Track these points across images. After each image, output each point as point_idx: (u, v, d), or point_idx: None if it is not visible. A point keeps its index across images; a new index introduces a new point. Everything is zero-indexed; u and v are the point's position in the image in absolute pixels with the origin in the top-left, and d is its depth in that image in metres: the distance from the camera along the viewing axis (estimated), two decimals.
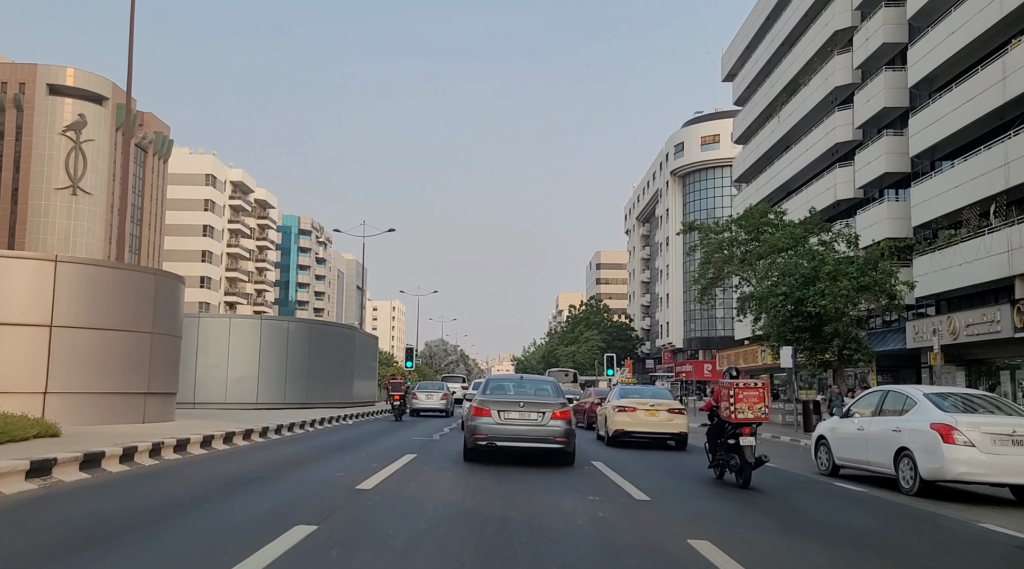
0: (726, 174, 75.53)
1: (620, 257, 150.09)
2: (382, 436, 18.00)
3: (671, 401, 17.59)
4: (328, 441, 16.05)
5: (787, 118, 47.47)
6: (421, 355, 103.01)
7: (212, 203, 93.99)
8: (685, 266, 78.79)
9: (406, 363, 38.02)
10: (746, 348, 54.98)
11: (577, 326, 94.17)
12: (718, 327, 75.82)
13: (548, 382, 14.03)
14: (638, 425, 16.62)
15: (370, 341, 35.44)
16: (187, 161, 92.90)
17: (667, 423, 16.65)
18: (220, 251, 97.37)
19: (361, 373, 32.04)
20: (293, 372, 25.88)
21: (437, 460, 12.68)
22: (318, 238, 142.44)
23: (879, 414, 11.61)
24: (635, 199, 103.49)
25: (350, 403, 29.72)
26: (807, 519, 8.69)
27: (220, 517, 7.27)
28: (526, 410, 11.86)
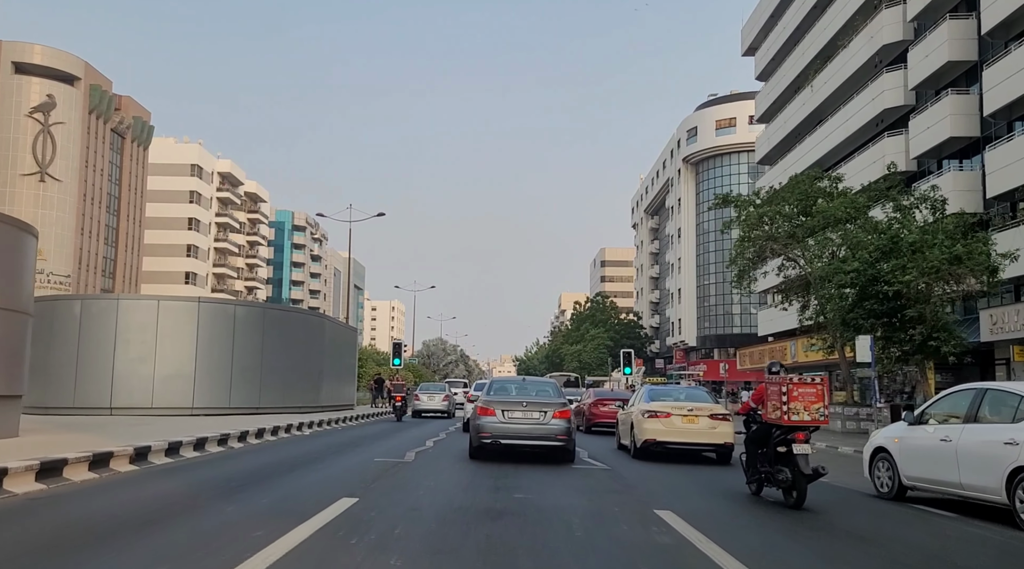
0: (743, 160, 70.67)
1: (626, 254, 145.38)
2: (336, 456, 13.17)
3: (713, 404, 14.58)
4: (247, 466, 11.14)
5: (821, 88, 42.55)
6: (419, 355, 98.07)
7: (198, 195, 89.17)
8: (699, 259, 73.92)
9: (393, 360, 33.15)
10: (772, 345, 49.98)
11: (582, 324, 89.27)
12: (735, 324, 70.87)
13: (549, 383, 14.56)
14: (674, 434, 13.72)
15: (346, 333, 30.35)
16: (171, 151, 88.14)
17: (709, 432, 13.73)
18: (207, 246, 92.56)
19: (335, 371, 27.24)
20: (242, 369, 20.83)
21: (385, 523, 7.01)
22: (313, 234, 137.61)
23: (974, 420, 8.92)
24: (643, 191, 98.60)
25: (317, 407, 25.00)
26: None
27: None
28: (529, 409, 12.29)
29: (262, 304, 22.95)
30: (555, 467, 11.85)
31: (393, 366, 33.47)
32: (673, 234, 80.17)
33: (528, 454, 12.65)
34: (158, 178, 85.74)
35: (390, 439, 17.93)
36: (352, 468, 11.53)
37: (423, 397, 30.51)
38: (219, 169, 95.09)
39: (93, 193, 66.97)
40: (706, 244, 72.93)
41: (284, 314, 24.13)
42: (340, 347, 28.09)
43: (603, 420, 21.19)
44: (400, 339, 33.43)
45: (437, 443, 16.42)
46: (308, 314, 27.93)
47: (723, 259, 72.62)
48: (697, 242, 74.32)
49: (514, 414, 12.25)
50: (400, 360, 33.23)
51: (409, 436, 18.67)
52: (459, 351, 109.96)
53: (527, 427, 12.19)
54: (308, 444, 15.72)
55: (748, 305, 70.02)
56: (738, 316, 70.30)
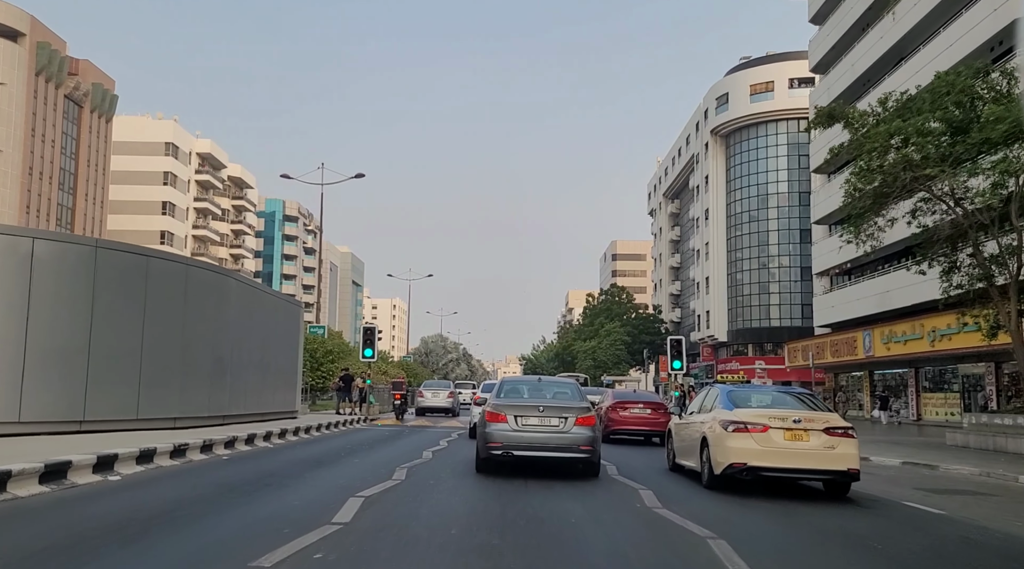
0: (782, 129, 62.27)
1: (639, 247, 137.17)
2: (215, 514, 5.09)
3: (827, 413, 10.14)
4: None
5: (907, 14, 34.10)
6: (416, 352, 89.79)
7: (173, 177, 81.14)
8: (731, 243, 65.42)
9: (363, 352, 24.85)
10: (835, 337, 41.43)
11: (596, 318, 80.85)
12: (776, 315, 62.40)
13: (569, 383, 12.32)
14: (773, 456, 9.38)
15: (282, 309, 20.78)
16: (143, 128, 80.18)
17: (824, 454, 9.39)
18: (184, 233, 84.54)
19: (259, 361, 18.32)
20: (43, 354, 12.22)
21: None
22: (306, 225, 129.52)
23: None
24: (661, 173, 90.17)
25: (221, 418, 16.50)
26: None
27: None
28: (546, 415, 10.55)
29: (93, 240, 13.79)
30: (581, 486, 9.59)
31: (364, 358, 25.17)
32: (698, 217, 71.76)
33: (545, 466, 10.74)
34: (128, 158, 77.91)
35: (345, 467, 11.55)
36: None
37: (427, 394, 30.81)
38: (198, 149, 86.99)
39: (42, 167, 58.83)
40: (739, 225, 64.48)
41: (139, 261, 14.31)
42: (270, 326, 19.37)
43: (624, 427, 18.65)
44: (373, 324, 25.11)
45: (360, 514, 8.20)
46: (192, 265, 17.57)
47: (759, 242, 64.47)
48: (728, 224, 65.90)
49: (529, 420, 10.49)
50: (373, 351, 24.91)
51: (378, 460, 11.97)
52: (461, 349, 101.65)
53: (544, 436, 10.42)
54: (170, 489, 8.31)
55: (787, 295, 61.66)
56: (777, 308, 61.83)
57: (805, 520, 8.11)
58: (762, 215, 62.88)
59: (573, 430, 10.45)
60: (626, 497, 9.09)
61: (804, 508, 8.82)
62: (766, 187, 62.54)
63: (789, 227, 61.76)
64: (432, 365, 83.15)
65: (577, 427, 10.46)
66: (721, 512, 8.24)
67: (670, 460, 12.48)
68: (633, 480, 10.58)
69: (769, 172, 62.46)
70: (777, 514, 8.37)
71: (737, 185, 64.84)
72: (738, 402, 10.38)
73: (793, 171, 61.70)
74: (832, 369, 43.90)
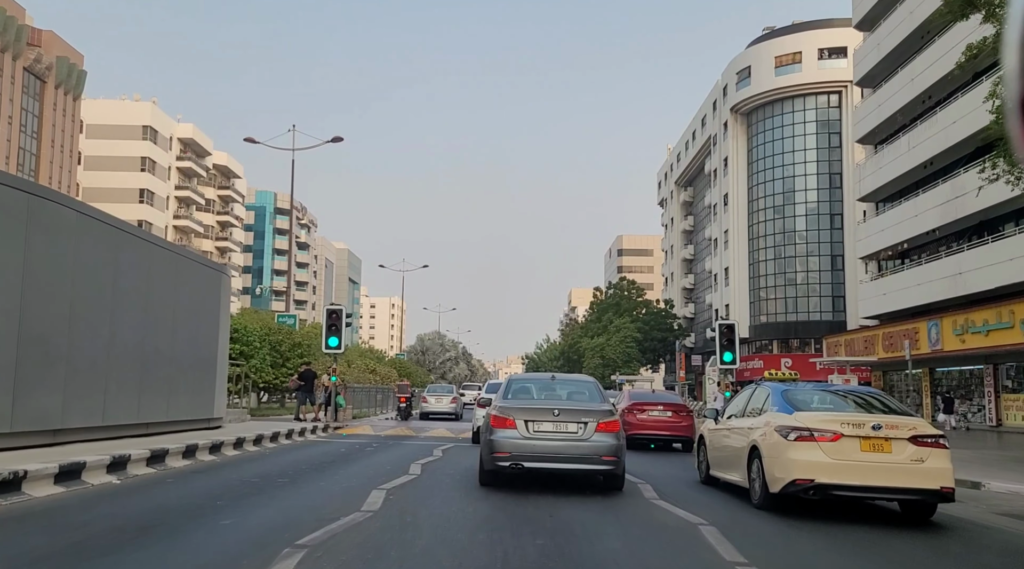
0: (810, 105, 56.89)
1: (646, 241, 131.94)
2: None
3: (911, 418, 8.47)
4: None
5: None
6: (412, 350, 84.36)
7: (152, 163, 75.81)
8: (754, 230, 59.98)
9: (327, 342, 19.44)
10: (888, 328, 35.90)
11: (604, 314, 75.48)
12: (801, 308, 56.94)
13: (586, 382, 10.93)
14: (847, 471, 7.79)
15: (195, 273, 15.01)
16: (118, 110, 74.95)
17: (910, 468, 7.83)
18: (164, 223, 79.25)
19: (138, 347, 12.55)
20: None
21: None
22: (299, 219, 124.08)
23: None
24: (673, 160, 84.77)
25: (33, 435, 10.21)
26: None
27: None
28: (562, 420, 9.18)
29: None
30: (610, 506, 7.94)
31: (328, 349, 19.73)
32: (716, 203, 66.35)
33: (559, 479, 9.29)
34: (102, 142, 72.74)
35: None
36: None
37: (430, 399, 30.56)
38: (179, 134, 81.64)
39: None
40: (763, 210, 59.06)
41: None
42: (161, 294, 13.41)
43: (643, 432, 16.93)
44: (339, 306, 19.69)
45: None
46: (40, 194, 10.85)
47: (784, 228, 58.98)
48: (750, 209, 60.49)
49: (542, 426, 9.15)
50: (339, 340, 19.48)
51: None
52: (460, 348, 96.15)
53: (560, 444, 9.07)
54: None
55: (815, 286, 56.27)
56: (806, 299, 56.42)
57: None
58: (788, 199, 57.48)
59: (594, 437, 9.18)
60: (683, 535, 6.76)
61: (905, 540, 6.98)
62: (792, 168, 57.14)
63: (818, 212, 56.37)
64: (428, 364, 77.73)
65: (599, 434, 9.19)
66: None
67: (702, 471, 10.91)
68: (678, 504, 8.43)
69: (796, 151, 57.04)
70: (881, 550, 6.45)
71: (760, 167, 59.45)
72: (798, 404, 8.71)
73: (823, 150, 56.31)
74: (880, 367, 38.43)
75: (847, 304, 54.72)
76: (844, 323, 54.72)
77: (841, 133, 55.48)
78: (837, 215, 55.67)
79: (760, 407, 9.23)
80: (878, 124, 37.10)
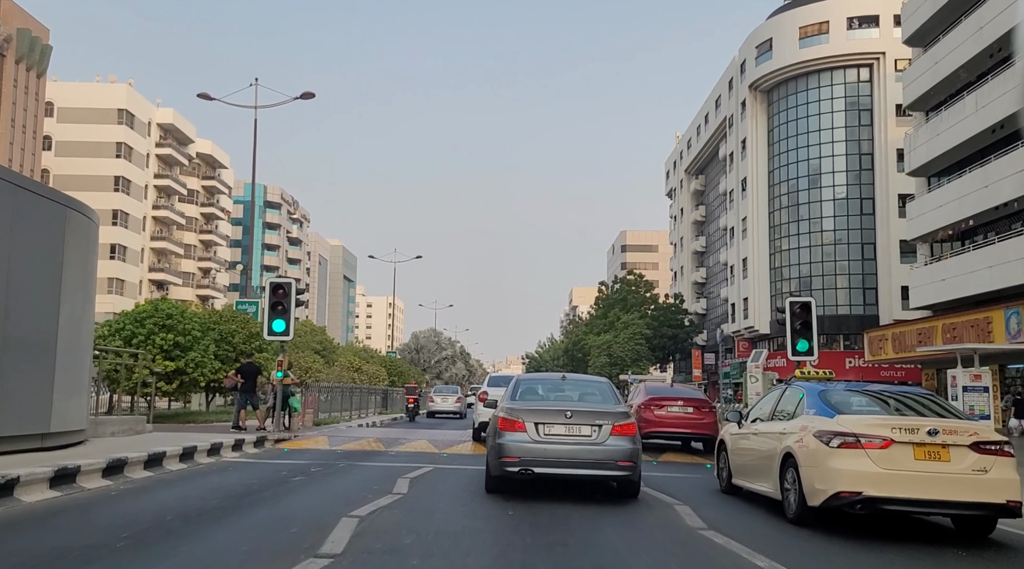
0: (838, 79, 52.17)
1: (651, 237, 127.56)
2: None
3: (969, 421, 7.78)
4: None
5: None
6: (406, 348, 79.57)
7: (128, 149, 71.09)
8: (775, 217, 55.28)
9: (271, 325, 14.64)
10: (951, 319, 30.99)
11: (611, 309, 70.69)
12: (828, 301, 52.26)
13: (600, 383, 10.22)
14: (901, 482, 7.01)
15: (36, 212, 9.78)
16: (91, 93, 70.25)
17: (972, 479, 7.03)
18: (143, 213, 74.50)
19: None
20: None
21: None
22: (291, 213, 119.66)
23: None
24: (682, 147, 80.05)
25: None
26: None
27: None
28: (575, 422, 8.58)
29: None
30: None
31: (272, 335, 14.93)
32: (732, 189, 61.59)
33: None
34: (73, 126, 68.17)
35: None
36: None
37: (437, 399, 33.39)
38: (159, 120, 76.89)
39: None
40: (785, 195, 54.30)
41: None
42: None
43: (661, 430, 15.19)
44: (286, 279, 14.90)
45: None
46: None
47: (809, 214, 54.17)
48: (771, 195, 55.75)
49: (553, 429, 8.54)
50: (287, 324, 14.71)
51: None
52: (458, 347, 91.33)
53: (573, 448, 8.47)
54: None
55: (852, 276, 51.55)
56: (834, 291, 51.65)
57: None
58: (812, 182, 52.72)
59: (609, 441, 8.52)
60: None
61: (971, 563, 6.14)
62: (818, 149, 52.38)
63: (847, 196, 51.61)
64: (423, 363, 72.85)
65: (614, 438, 8.53)
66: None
67: (722, 479, 9.96)
68: (713, 528, 6.98)
69: (823, 130, 52.28)
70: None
71: (782, 148, 54.70)
72: (838, 406, 7.88)
73: (852, 129, 51.56)
74: (933, 363, 33.67)
75: (879, 296, 50.02)
76: (876, 317, 50.02)
77: (872, 110, 50.77)
78: (868, 199, 50.95)
79: (792, 410, 8.51)
80: (933, 86, 32.38)
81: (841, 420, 7.45)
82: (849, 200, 51.55)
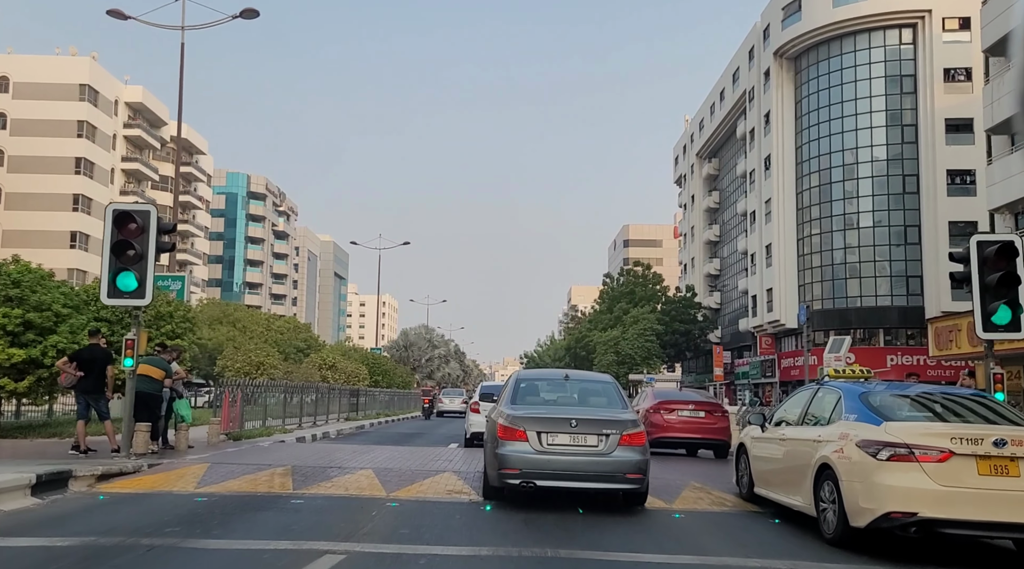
0: (877, 42, 46.56)
1: (655, 232, 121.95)
2: None
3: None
4: None
5: None
6: (395, 346, 73.66)
7: (92, 128, 65.15)
8: (803, 198, 49.56)
9: (117, 279, 8.86)
10: None
11: (616, 303, 64.93)
12: (866, 291, 46.54)
13: (606, 383, 9.40)
14: (964, 503, 6.17)
15: None
16: (51, 67, 64.32)
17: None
18: (108, 198, 68.30)
19: None
20: None
21: None
22: (277, 205, 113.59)
23: None
24: (694, 129, 74.34)
25: None
26: None
27: None
28: (580, 431, 7.94)
29: None
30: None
31: (113, 297, 9.07)
32: (753, 170, 55.83)
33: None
34: (31, 103, 62.29)
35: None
36: None
37: (445, 400, 37.82)
38: (127, 98, 70.94)
39: None
40: (816, 172, 48.58)
41: None
42: None
43: (671, 435, 14.95)
44: (144, 206, 9.00)
45: None
46: None
47: (844, 193, 48.27)
48: (798, 173, 50.05)
49: (557, 438, 7.91)
50: (137, 281, 8.88)
51: None
52: (452, 346, 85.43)
53: (578, 460, 7.87)
54: None
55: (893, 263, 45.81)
56: (872, 280, 45.88)
57: None
58: (847, 158, 47.00)
59: (616, 452, 7.91)
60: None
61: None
62: (854, 121, 46.66)
63: (887, 172, 45.88)
64: (413, 362, 66.89)
65: (622, 448, 7.91)
66: None
67: (743, 486, 9.28)
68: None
69: (859, 100, 46.55)
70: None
71: (812, 121, 48.99)
72: (884, 410, 6.97)
73: (892, 98, 45.87)
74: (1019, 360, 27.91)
75: (925, 285, 44.31)
76: (921, 309, 44.30)
77: (916, 76, 45.08)
78: (911, 176, 45.23)
79: (828, 414, 7.64)
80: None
81: (890, 428, 6.62)
82: (890, 177, 45.83)
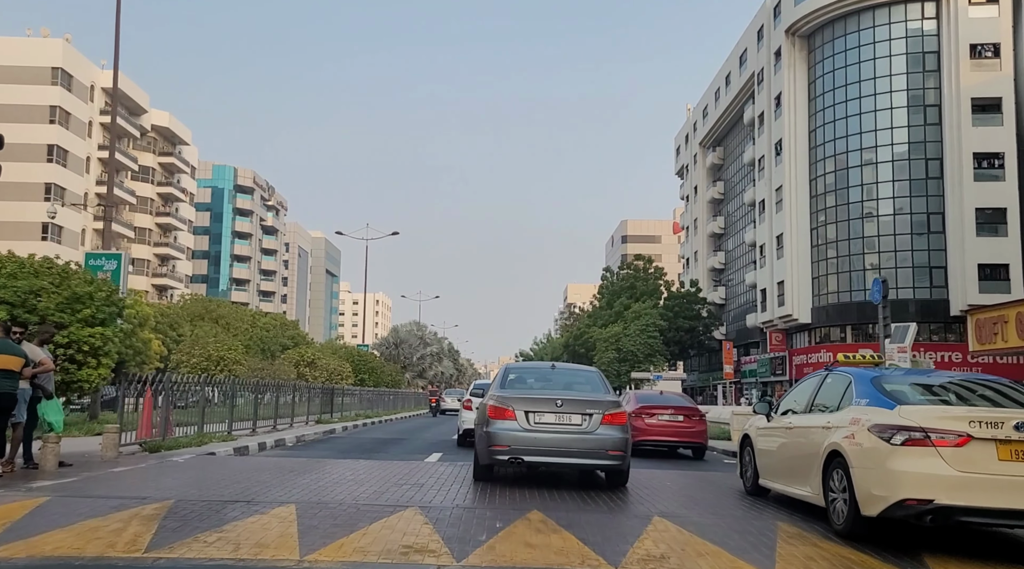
0: (897, 17, 43.85)
1: (654, 227, 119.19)
2: None
3: None
4: None
5: None
6: (385, 343, 70.53)
7: (66, 114, 62.02)
8: (816, 184, 46.70)
9: None
10: None
11: (617, 298, 62.06)
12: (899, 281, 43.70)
13: (590, 372, 10.13)
14: (984, 489, 5.79)
15: None
16: (21, 48, 61.15)
17: None
18: (84, 189, 65.21)
19: None
20: None
21: None
22: (265, 199, 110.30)
23: None
24: (697, 117, 71.41)
25: None
26: None
27: None
28: (565, 411, 8.53)
29: None
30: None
31: None
32: (762, 157, 52.89)
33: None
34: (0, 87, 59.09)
35: None
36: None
37: (447, 399, 39.00)
38: (103, 84, 67.71)
39: None
40: (831, 157, 45.69)
41: None
42: None
43: (650, 438, 15.51)
44: None
45: None
46: None
47: (861, 180, 45.09)
48: (811, 159, 47.16)
49: (543, 418, 8.50)
50: None
51: None
52: (446, 343, 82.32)
53: (564, 437, 8.44)
54: None
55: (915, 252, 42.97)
56: (893, 271, 42.94)
57: None
58: (866, 141, 44.11)
59: (599, 430, 8.47)
60: None
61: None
62: (872, 101, 43.78)
63: (909, 156, 42.99)
64: (404, 359, 63.80)
65: (604, 427, 8.48)
66: None
67: (747, 480, 9.06)
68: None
69: (877, 79, 43.68)
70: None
71: (826, 102, 46.09)
72: (897, 394, 6.56)
73: (914, 76, 43.00)
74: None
75: (949, 277, 41.47)
76: (946, 302, 41.49)
77: (940, 53, 42.22)
78: (934, 160, 42.37)
79: (837, 400, 7.23)
80: None
81: (904, 411, 6.21)
82: (911, 162, 42.95)
